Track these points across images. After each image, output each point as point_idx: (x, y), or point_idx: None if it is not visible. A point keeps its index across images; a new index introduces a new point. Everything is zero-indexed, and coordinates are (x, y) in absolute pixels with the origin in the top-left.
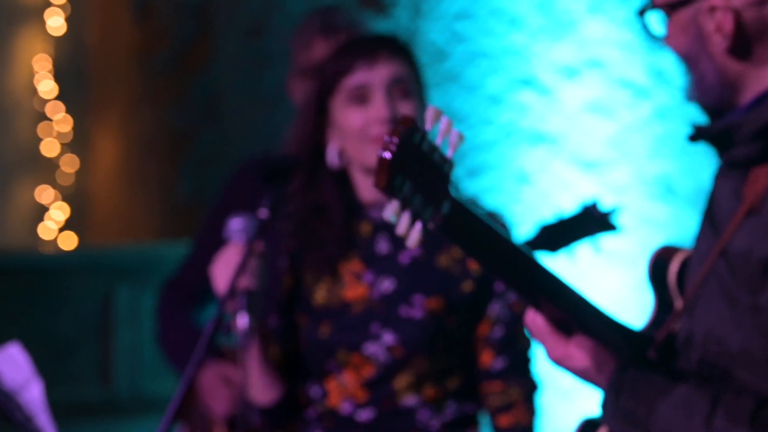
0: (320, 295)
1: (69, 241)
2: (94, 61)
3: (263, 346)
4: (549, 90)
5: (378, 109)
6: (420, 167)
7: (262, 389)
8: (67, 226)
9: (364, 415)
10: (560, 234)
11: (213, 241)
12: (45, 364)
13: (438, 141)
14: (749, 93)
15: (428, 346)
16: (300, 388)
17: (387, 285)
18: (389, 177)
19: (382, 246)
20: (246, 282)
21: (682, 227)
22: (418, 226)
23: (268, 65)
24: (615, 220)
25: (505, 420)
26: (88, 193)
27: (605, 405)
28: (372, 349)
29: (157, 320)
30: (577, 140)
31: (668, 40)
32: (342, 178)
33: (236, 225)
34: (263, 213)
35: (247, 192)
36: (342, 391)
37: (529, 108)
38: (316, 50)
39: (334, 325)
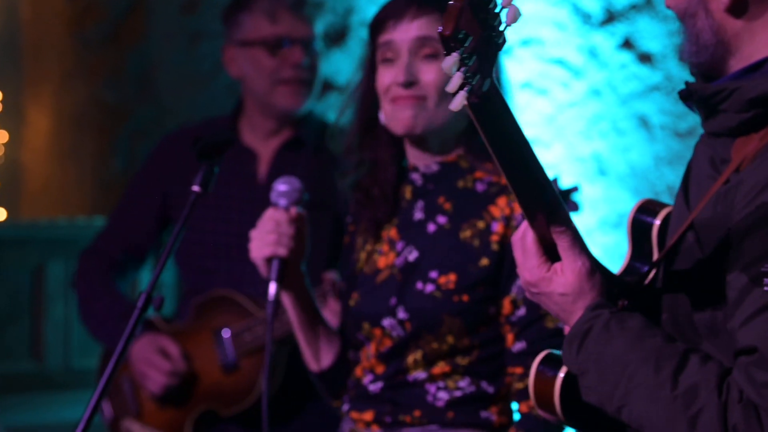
0: (361, 260)
1: (1, 215)
2: (27, 35)
3: (304, 315)
4: None
5: (397, 71)
6: (481, 28)
7: (310, 357)
8: (0, 200)
9: (376, 386)
10: None
11: (132, 208)
12: None
13: (500, 7)
14: (742, 55)
15: (434, 325)
16: (349, 355)
17: (411, 256)
18: (455, 26)
19: (418, 213)
20: (280, 249)
21: (613, 207)
22: (463, 93)
23: (202, 40)
24: (576, 199)
25: (524, 406)
26: (20, 167)
27: (570, 342)
28: (388, 322)
29: (75, 291)
30: None
31: None
32: (398, 138)
33: (279, 188)
34: (195, 188)
35: (173, 163)
36: (366, 362)
37: None
38: (282, 24)
39: (361, 294)
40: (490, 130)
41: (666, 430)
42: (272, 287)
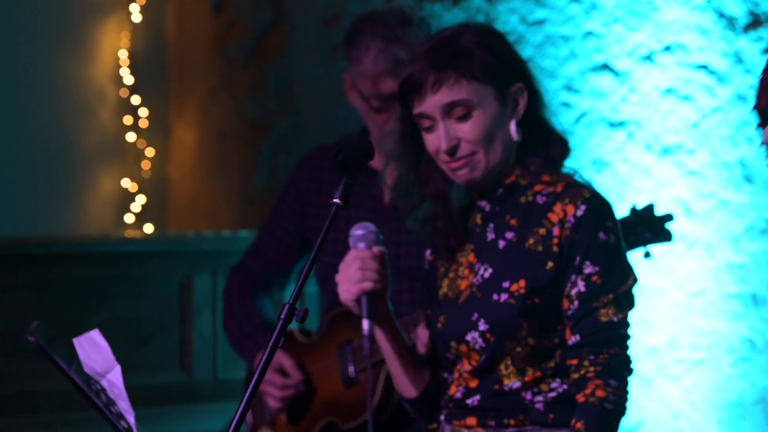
0: (445, 286)
1: (149, 230)
2: (172, 53)
3: (394, 346)
4: (626, 75)
5: (439, 140)
6: None
7: (404, 386)
8: (148, 214)
9: (473, 400)
10: None
11: (277, 227)
12: (124, 350)
13: None
14: None
15: (513, 330)
16: (441, 377)
17: (486, 273)
18: None
19: (490, 234)
20: (366, 284)
21: (760, 213)
22: None
23: (343, 54)
24: (669, 227)
25: (580, 397)
26: (166, 182)
27: None
28: (471, 336)
29: (222, 305)
30: (655, 125)
31: None
32: None
33: (356, 233)
34: (336, 200)
35: (310, 182)
36: (460, 380)
37: (607, 93)
38: (386, 84)
39: (447, 316)
40: None
41: None
42: (365, 324)
